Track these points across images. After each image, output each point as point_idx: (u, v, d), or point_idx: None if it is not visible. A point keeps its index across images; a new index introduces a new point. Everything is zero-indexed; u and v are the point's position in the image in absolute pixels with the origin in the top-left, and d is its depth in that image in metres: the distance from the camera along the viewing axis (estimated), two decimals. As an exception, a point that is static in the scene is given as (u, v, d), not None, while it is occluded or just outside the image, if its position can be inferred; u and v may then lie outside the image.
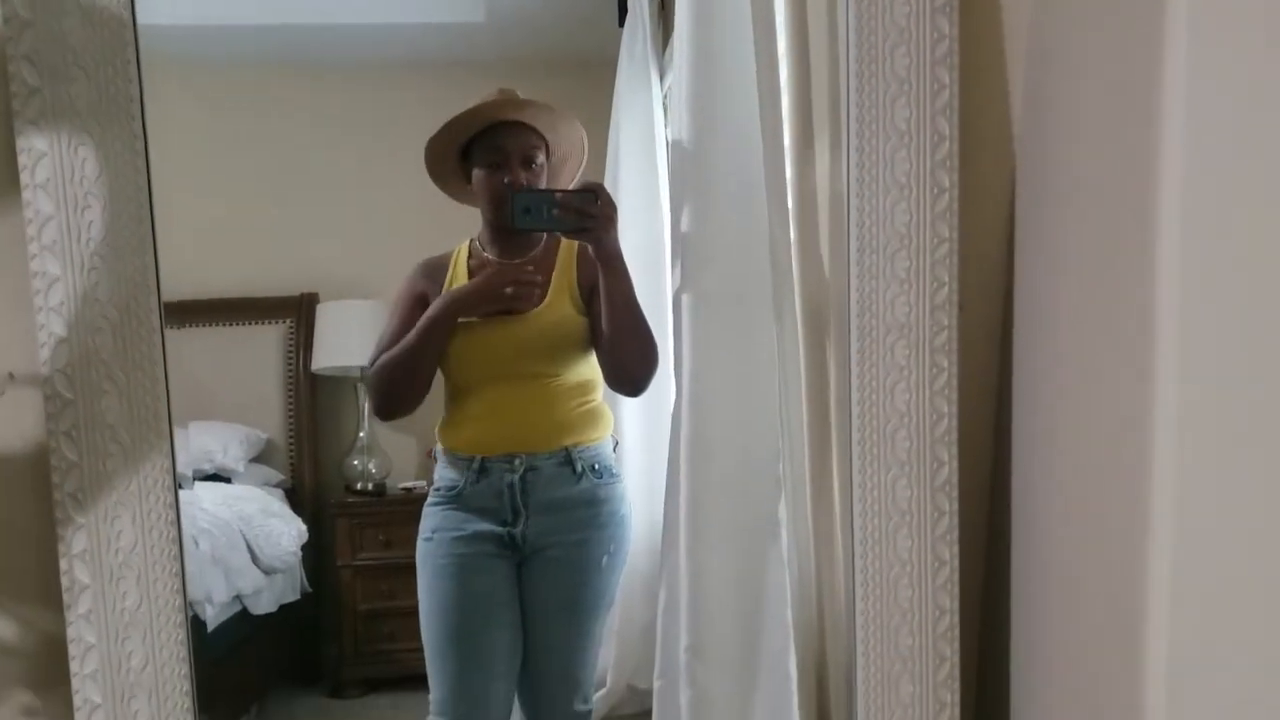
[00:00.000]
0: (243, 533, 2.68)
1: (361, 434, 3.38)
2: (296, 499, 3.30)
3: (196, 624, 2.28)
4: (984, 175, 1.25)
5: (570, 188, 1.81)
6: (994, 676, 1.31)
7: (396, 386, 1.73)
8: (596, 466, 1.77)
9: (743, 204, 1.61)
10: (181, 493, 2.64)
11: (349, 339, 3.18)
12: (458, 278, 1.78)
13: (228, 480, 3.04)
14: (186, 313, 3.22)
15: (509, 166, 1.71)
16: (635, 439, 2.92)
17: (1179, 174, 0.85)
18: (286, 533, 2.92)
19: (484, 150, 1.73)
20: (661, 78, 2.93)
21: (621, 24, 2.96)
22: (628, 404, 2.67)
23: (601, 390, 1.81)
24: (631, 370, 1.73)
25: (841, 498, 1.51)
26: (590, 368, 1.78)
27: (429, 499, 1.79)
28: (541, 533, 1.74)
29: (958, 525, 1.23)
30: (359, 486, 3.33)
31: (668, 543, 1.72)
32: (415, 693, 1.79)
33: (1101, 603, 1.01)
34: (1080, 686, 1.07)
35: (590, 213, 1.58)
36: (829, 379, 1.60)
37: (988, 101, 1.25)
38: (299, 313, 3.43)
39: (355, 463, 3.36)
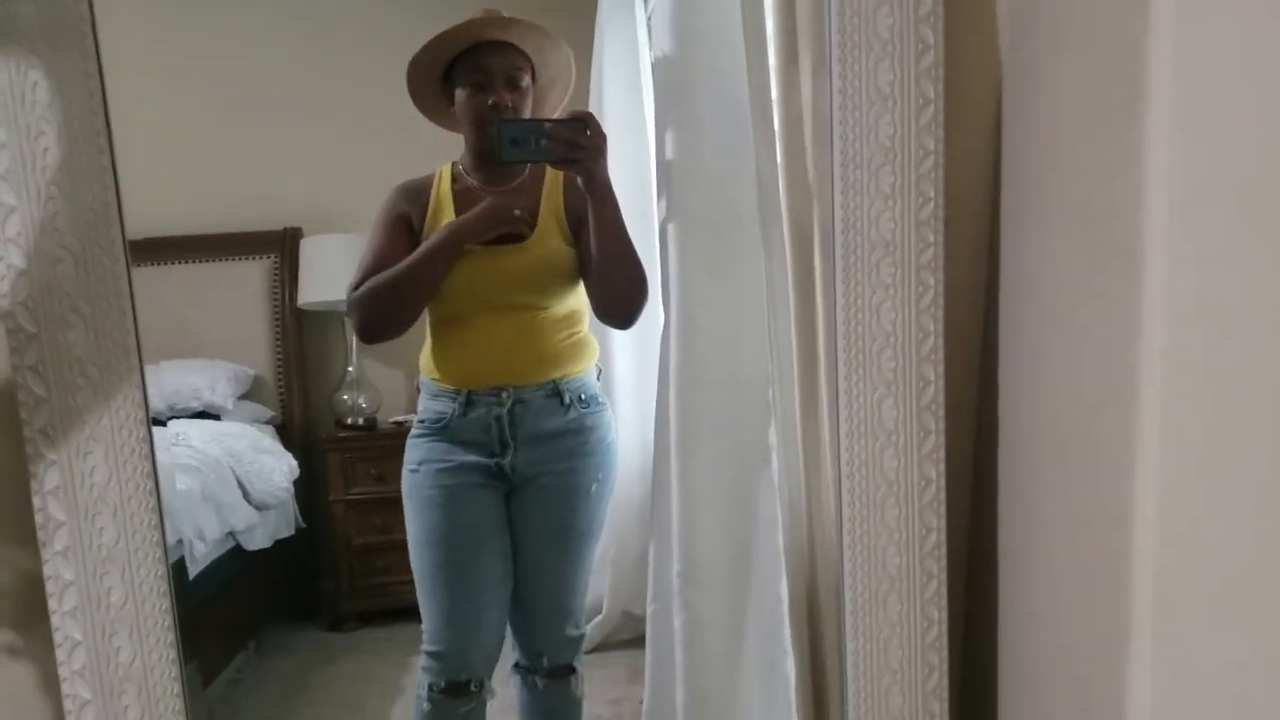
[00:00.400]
0: (233, 469, 2.68)
1: (350, 368, 3.37)
2: (287, 435, 3.30)
3: (182, 566, 2.28)
4: (970, 86, 1.22)
5: (557, 116, 1.77)
6: (981, 592, 1.31)
7: (387, 311, 1.68)
8: (584, 396, 1.76)
9: (728, 126, 1.58)
10: (170, 429, 2.65)
11: (334, 273, 3.14)
12: (441, 202, 1.74)
13: (216, 418, 3.03)
14: (170, 249, 3.19)
15: (493, 87, 1.67)
16: (626, 366, 2.91)
17: (1168, 78, 0.82)
18: (278, 469, 2.92)
19: (467, 70, 1.68)
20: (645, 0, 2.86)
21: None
22: (617, 331, 2.66)
23: (588, 320, 1.79)
24: (622, 303, 1.70)
25: (830, 420, 1.49)
26: (578, 298, 1.75)
27: (413, 431, 1.77)
28: (530, 463, 1.73)
29: (944, 444, 1.22)
30: (349, 421, 3.33)
31: (659, 469, 1.71)
32: (411, 624, 1.79)
33: (1090, 515, 1.00)
34: (1068, 598, 1.06)
35: (580, 143, 1.54)
36: (817, 302, 1.57)
37: (972, 7, 1.21)
38: (283, 248, 3.39)
39: (345, 398, 3.35)
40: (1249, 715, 0.75)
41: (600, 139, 1.57)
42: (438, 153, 1.85)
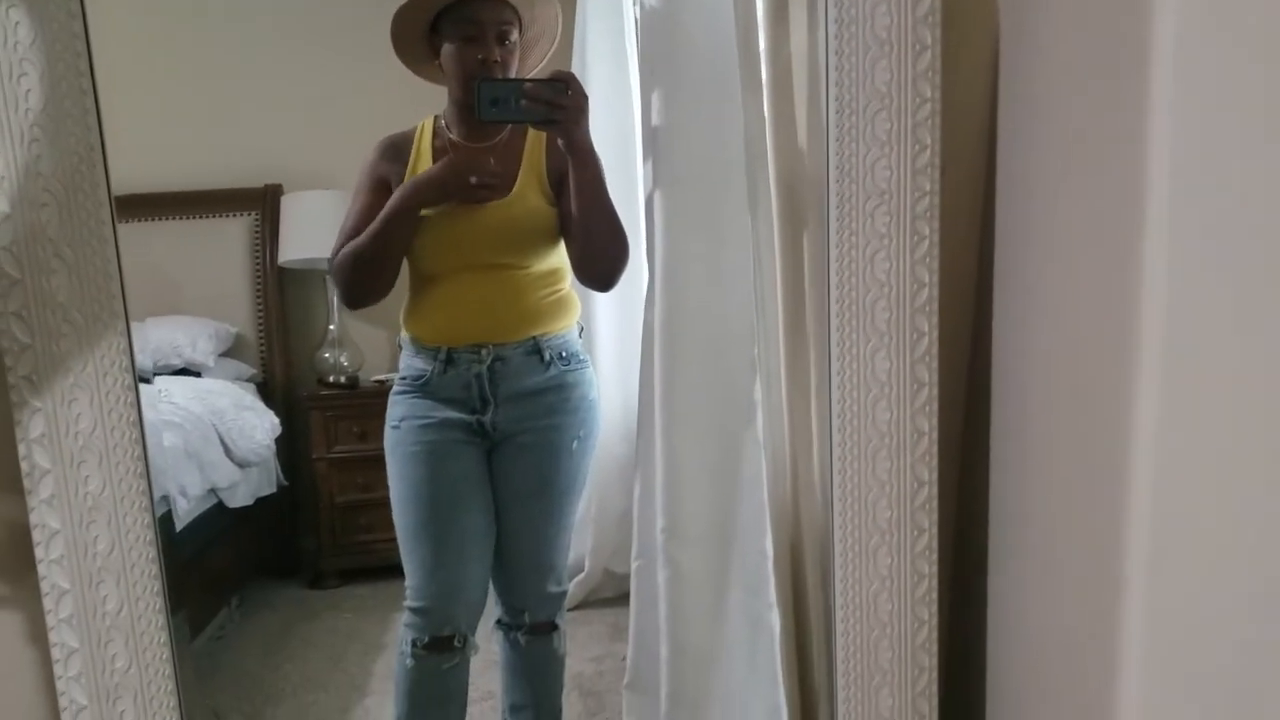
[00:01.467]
0: (215, 426, 2.67)
1: (332, 327, 3.36)
2: (268, 392, 3.29)
3: (169, 517, 2.27)
4: (968, 32, 1.20)
5: (537, 74, 1.74)
6: (971, 545, 1.32)
7: (362, 277, 1.68)
8: (564, 354, 1.75)
9: (715, 80, 1.56)
10: (152, 385, 2.62)
11: (316, 230, 3.12)
12: (421, 158, 1.72)
13: (197, 375, 3.01)
14: (151, 205, 3.17)
15: (483, 41, 1.64)
16: (608, 324, 2.90)
17: (1171, 24, 0.81)
18: (260, 426, 2.91)
19: (456, 23, 1.65)
20: (631, -47, 2.82)
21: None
22: (600, 290, 2.65)
23: (569, 278, 1.77)
24: (602, 264, 1.69)
25: (817, 378, 1.49)
26: (559, 256, 1.74)
27: (395, 387, 1.76)
28: (511, 420, 1.72)
29: (937, 397, 1.21)
30: (331, 379, 3.32)
31: (642, 427, 1.71)
32: (393, 582, 1.79)
33: (1083, 467, 1.00)
34: (1059, 553, 1.07)
35: (560, 104, 1.52)
36: (804, 258, 1.57)
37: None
38: (264, 204, 3.37)
39: (327, 356, 3.34)
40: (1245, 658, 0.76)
41: (581, 100, 1.55)
42: (419, 107, 1.82)
